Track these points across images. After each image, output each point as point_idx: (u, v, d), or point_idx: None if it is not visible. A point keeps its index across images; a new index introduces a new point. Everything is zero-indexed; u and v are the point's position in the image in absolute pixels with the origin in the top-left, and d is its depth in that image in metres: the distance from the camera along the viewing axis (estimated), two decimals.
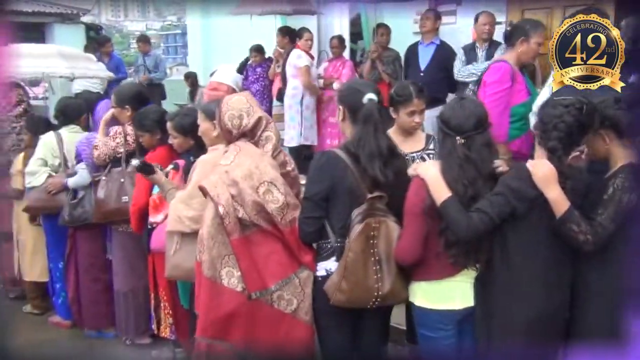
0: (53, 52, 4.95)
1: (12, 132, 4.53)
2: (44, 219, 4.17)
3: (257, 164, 2.45)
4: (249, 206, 2.39)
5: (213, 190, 2.42)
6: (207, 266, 2.42)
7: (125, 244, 3.74)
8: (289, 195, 2.50)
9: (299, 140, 6.23)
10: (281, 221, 2.44)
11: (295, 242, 2.50)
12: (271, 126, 2.63)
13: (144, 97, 3.85)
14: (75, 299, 4.07)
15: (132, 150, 3.69)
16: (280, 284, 2.46)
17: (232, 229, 2.40)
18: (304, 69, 6.13)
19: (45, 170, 4.02)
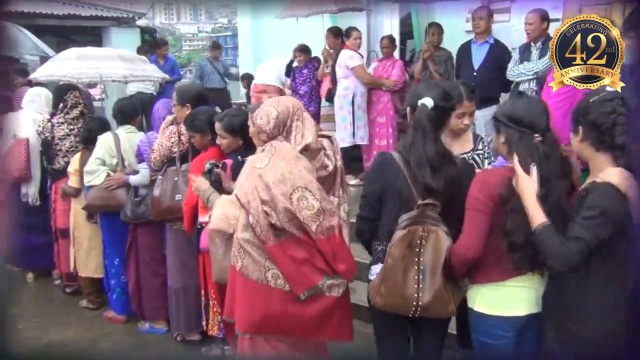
0: (113, 54, 5.10)
1: (71, 133, 4.66)
2: (102, 217, 4.28)
3: (291, 168, 2.39)
4: (281, 213, 2.35)
5: (244, 197, 2.41)
6: (252, 270, 2.42)
7: (178, 241, 3.81)
8: (325, 201, 2.42)
9: (350, 140, 6.22)
10: (317, 229, 2.38)
11: (331, 252, 2.44)
12: (308, 121, 2.57)
13: (204, 98, 3.90)
14: (136, 291, 4.18)
15: (186, 150, 3.76)
16: (326, 278, 2.46)
17: (264, 237, 2.39)
18: (358, 68, 6.12)
19: (103, 169, 4.12)
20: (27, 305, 4.79)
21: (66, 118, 4.67)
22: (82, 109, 4.73)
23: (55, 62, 5.09)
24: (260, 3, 8.45)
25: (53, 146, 4.66)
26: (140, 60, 5.62)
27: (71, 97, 4.70)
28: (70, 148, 4.65)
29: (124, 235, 4.16)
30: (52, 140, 4.64)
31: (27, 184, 4.95)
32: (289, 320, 2.45)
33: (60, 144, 4.65)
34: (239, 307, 2.50)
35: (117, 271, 4.29)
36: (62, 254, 4.77)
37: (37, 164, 4.94)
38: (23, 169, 4.83)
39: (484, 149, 2.95)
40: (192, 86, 4.01)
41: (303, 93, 6.83)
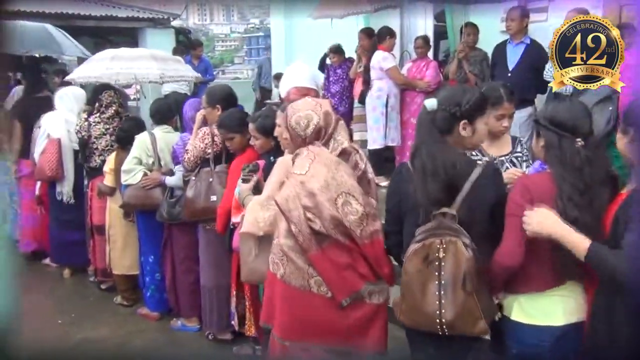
0: (146, 54, 5.17)
1: (106, 132, 4.74)
2: (138, 215, 4.35)
3: (334, 173, 2.35)
4: (327, 220, 2.31)
5: (284, 204, 2.37)
6: (294, 276, 2.39)
7: (211, 241, 3.82)
8: (368, 206, 2.38)
9: (383, 142, 6.18)
10: (361, 234, 2.34)
11: (374, 256, 2.39)
12: (341, 124, 2.53)
13: (234, 98, 3.91)
14: (172, 288, 4.22)
15: (220, 151, 3.77)
16: (368, 284, 2.41)
17: (307, 246, 2.35)
18: (392, 70, 6.08)
19: (140, 168, 4.18)
20: (63, 300, 4.89)
21: (102, 117, 4.75)
22: (116, 108, 4.81)
23: (91, 63, 5.19)
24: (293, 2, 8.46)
25: (89, 145, 4.75)
26: (173, 60, 5.69)
27: (105, 97, 4.78)
28: (106, 147, 4.73)
29: (159, 233, 4.22)
30: (89, 139, 4.73)
31: (61, 182, 5.05)
32: (330, 328, 2.41)
33: (97, 143, 4.73)
34: (279, 314, 2.47)
35: (152, 269, 4.35)
36: (97, 250, 4.86)
37: (70, 163, 5.03)
38: (54, 169, 4.93)
39: (522, 151, 2.87)
40: (221, 86, 4.02)
41: (334, 92, 6.81)
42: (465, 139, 2.29)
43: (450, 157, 2.19)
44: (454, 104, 2.24)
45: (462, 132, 2.26)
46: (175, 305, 4.28)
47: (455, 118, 2.25)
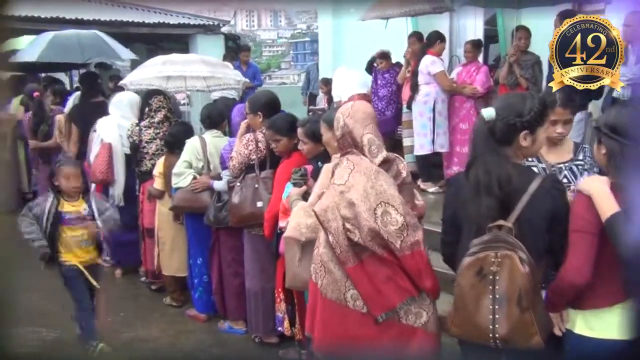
0: (196, 59, 5.28)
1: (156, 137, 4.86)
2: (187, 218, 4.42)
3: (373, 182, 2.31)
4: (364, 231, 2.28)
5: (323, 215, 2.36)
6: (331, 289, 2.38)
7: (256, 246, 3.86)
8: (409, 216, 2.32)
9: (430, 147, 6.10)
10: (401, 245, 2.29)
11: (416, 268, 2.33)
12: (373, 129, 2.48)
13: (277, 105, 3.94)
14: (219, 290, 4.28)
15: (264, 157, 3.80)
16: (406, 302, 2.36)
17: (344, 258, 2.33)
18: (440, 75, 6.01)
19: (190, 172, 4.26)
20: (115, 300, 5.02)
21: (151, 122, 4.87)
22: (165, 113, 4.92)
23: (143, 69, 5.33)
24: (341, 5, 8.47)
25: (140, 149, 4.87)
26: (221, 64, 5.79)
27: (155, 102, 4.90)
28: (156, 151, 4.85)
29: (207, 236, 4.28)
30: (140, 144, 4.85)
31: (112, 185, 5.19)
32: (364, 345, 2.36)
33: (147, 147, 4.86)
34: (317, 325, 2.46)
35: (200, 271, 4.42)
36: (148, 252, 4.97)
37: (121, 167, 5.15)
38: (105, 172, 5.05)
39: (584, 159, 2.75)
40: (263, 93, 4.05)
41: (382, 96, 6.76)
42: (524, 148, 2.21)
43: (506, 171, 2.11)
44: (514, 114, 2.15)
45: (523, 143, 2.19)
46: (222, 308, 4.34)
47: (516, 129, 2.16)
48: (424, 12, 6.43)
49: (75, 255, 3.69)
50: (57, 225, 3.52)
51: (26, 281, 5.39)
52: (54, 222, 3.50)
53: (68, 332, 4.32)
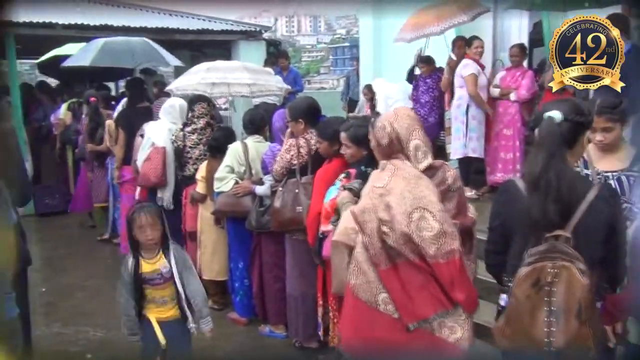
0: (239, 66, 5.36)
1: (200, 142, 4.93)
2: (229, 222, 4.47)
3: (412, 187, 2.30)
4: (397, 234, 2.27)
5: (360, 216, 2.36)
6: (363, 290, 2.37)
7: (297, 251, 3.87)
8: (447, 223, 2.29)
9: (463, 151, 6.02)
10: (436, 252, 2.25)
11: (449, 278, 2.28)
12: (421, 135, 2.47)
13: (316, 111, 3.95)
14: (259, 294, 4.31)
15: (305, 163, 3.81)
16: (440, 314, 2.32)
17: (377, 260, 2.32)
18: (469, 78, 5.94)
19: (232, 176, 4.31)
20: None
21: (195, 128, 4.95)
22: (208, 120, 4.99)
23: (189, 75, 5.44)
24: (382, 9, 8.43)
25: (184, 154, 4.96)
26: (264, 71, 5.85)
27: (198, 108, 4.98)
28: (199, 156, 4.92)
29: (248, 241, 4.32)
30: (184, 149, 4.94)
31: (162, 189, 5.29)
32: (392, 350, 2.33)
33: (191, 152, 4.94)
34: (345, 323, 2.46)
35: (241, 275, 4.46)
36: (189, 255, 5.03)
37: (172, 170, 5.25)
38: (159, 176, 5.15)
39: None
40: (303, 100, 4.07)
41: (424, 102, 6.71)
42: (577, 153, 2.16)
43: (571, 175, 2.06)
44: (578, 113, 2.10)
45: (584, 144, 2.14)
46: (262, 312, 4.36)
47: (582, 128, 2.11)
48: (463, 22, 6.34)
49: (154, 311, 3.21)
50: (140, 287, 3.11)
51: (71, 281, 5.58)
52: (137, 286, 3.10)
53: (113, 332, 4.43)
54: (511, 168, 5.94)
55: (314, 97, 4.29)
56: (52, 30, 8.68)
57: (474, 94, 5.95)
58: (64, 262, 6.14)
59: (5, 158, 2.80)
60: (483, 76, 6.09)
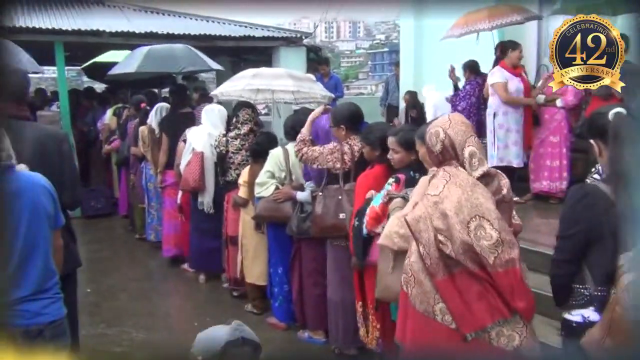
0: (283, 73, 5.39)
1: (242, 148, 4.99)
2: (269, 227, 4.49)
3: (468, 195, 2.26)
4: (457, 244, 2.23)
5: (415, 225, 2.32)
6: (419, 300, 2.34)
7: (338, 256, 3.86)
8: (505, 232, 2.24)
9: (490, 162, 5.90)
10: (495, 261, 2.21)
11: (509, 287, 2.24)
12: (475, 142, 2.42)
13: (359, 117, 3.94)
14: (299, 300, 4.32)
15: (348, 169, 3.79)
16: (498, 323, 2.27)
17: (434, 270, 2.28)
18: (497, 86, 5.86)
19: (273, 182, 4.34)
20: (199, 304, 5.19)
21: (238, 134, 5.01)
22: (251, 126, 5.04)
23: (234, 81, 5.50)
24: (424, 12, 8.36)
25: (227, 159, 5.03)
26: (308, 78, 5.87)
27: (243, 114, 5.05)
28: (241, 162, 4.98)
29: (288, 246, 4.34)
30: (226, 154, 5.01)
31: (202, 193, 5.37)
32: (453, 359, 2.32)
33: (233, 158, 5.00)
34: (408, 334, 2.43)
35: (281, 280, 4.47)
36: (231, 259, 5.10)
37: (211, 175, 5.32)
38: (197, 180, 5.25)
39: None
40: (346, 106, 4.06)
41: (461, 109, 6.63)
42: None
43: None
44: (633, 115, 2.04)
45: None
46: (301, 317, 4.37)
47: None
48: (516, 22, 6.24)
49: None
50: None
51: (114, 282, 5.70)
52: None
53: (156, 333, 4.51)
54: (557, 176, 5.79)
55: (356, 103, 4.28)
56: (99, 37, 8.92)
57: (506, 99, 5.85)
58: (107, 263, 6.29)
59: (59, 162, 2.88)
60: (515, 81, 5.94)
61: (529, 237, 4.53)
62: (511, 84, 5.89)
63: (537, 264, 4.04)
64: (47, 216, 2.36)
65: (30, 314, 2.27)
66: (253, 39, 10.16)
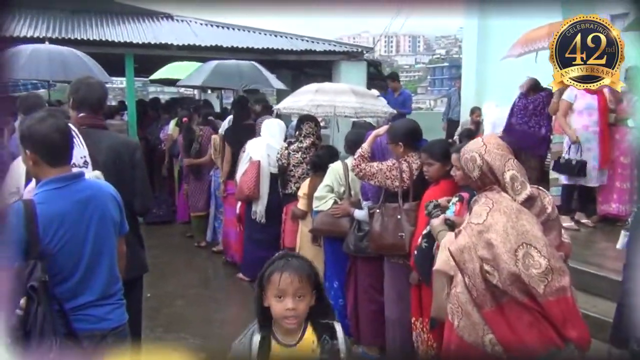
0: (346, 89, 5.42)
1: (303, 161, 5.03)
2: (326, 241, 4.50)
3: (514, 222, 2.19)
4: (504, 274, 2.15)
5: (459, 255, 2.26)
6: (468, 332, 2.27)
7: (395, 274, 3.81)
8: (554, 259, 2.16)
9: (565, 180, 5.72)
10: (545, 290, 2.13)
11: (561, 316, 2.15)
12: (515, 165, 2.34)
13: (417, 134, 3.88)
14: (353, 315, 4.28)
15: (407, 187, 3.72)
16: (552, 353, 2.17)
17: (481, 301, 2.21)
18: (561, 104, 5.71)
19: (331, 196, 4.35)
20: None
21: (300, 147, 5.06)
22: (313, 140, 5.10)
23: (297, 96, 5.58)
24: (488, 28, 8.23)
25: (287, 172, 5.08)
26: (371, 95, 5.88)
27: (306, 127, 5.11)
28: (302, 175, 5.03)
29: (345, 261, 4.31)
30: (287, 167, 5.07)
31: (256, 202, 5.44)
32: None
33: (294, 171, 5.06)
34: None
35: (336, 294, 4.45)
36: None
37: (266, 185, 5.40)
38: (252, 188, 5.34)
39: None
40: (403, 123, 4.00)
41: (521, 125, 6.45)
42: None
43: None
44: None
45: None
46: (356, 332, 4.33)
47: None
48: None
49: None
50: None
51: (173, 288, 5.83)
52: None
53: (210, 341, 4.57)
54: (627, 198, 5.54)
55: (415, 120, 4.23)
56: (166, 50, 9.26)
57: (560, 121, 5.73)
58: (167, 269, 6.44)
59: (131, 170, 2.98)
60: (587, 98, 5.71)
61: (595, 261, 4.36)
62: (581, 101, 5.69)
63: (602, 289, 3.88)
64: (114, 223, 2.45)
65: (95, 318, 2.34)
66: (314, 53, 10.30)
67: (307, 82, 9.02)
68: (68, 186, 2.30)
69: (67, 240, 2.24)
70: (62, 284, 2.23)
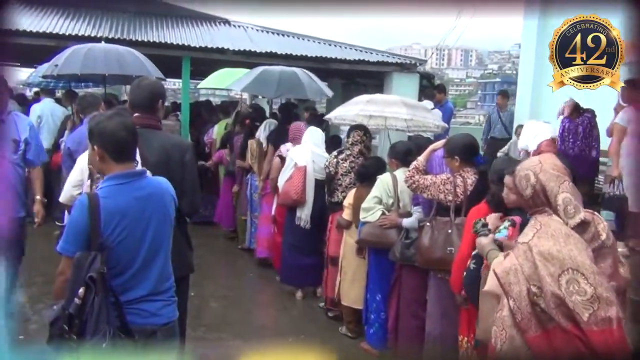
0: (397, 101, 5.40)
1: (351, 170, 5.03)
2: (371, 253, 4.49)
3: (561, 246, 2.12)
4: (547, 296, 2.09)
5: (504, 277, 2.20)
6: (511, 356, 2.20)
7: (440, 289, 3.76)
8: (602, 287, 2.08)
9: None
10: (590, 318, 2.05)
11: (605, 348, 2.06)
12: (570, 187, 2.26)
13: (474, 149, 3.85)
14: (394, 329, 4.25)
15: (460, 202, 3.68)
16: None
17: (525, 325, 2.15)
18: (614, 128, 5.55)
19: (379, 207, 4.33)
20: (295, 320, 5.25)
21: (348, 155, 5.07)
22: (361, 148, 5.09)
23: (348, 106, 5.59)
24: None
25: (335, 180, 5.09)
26: (422, 107, 5.84)
27: (354, 135, 5.11)
28: (349, 184, 5.03)
29: (389, 273, 4.29)
30: (335, 175, 5.08)
31: (301, 207, 5.48)
32: None
33: (342, 180, 5.06)
34: None
35: (378, 307, 4.43)
36: (329, 280, 5.13)
37: (312, 190, 5.43)
38: (299, 192, 5.38)
39: None
40: (461, 137, 3.95)
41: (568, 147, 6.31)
42: None
43: None
44: None
45: None
46: (394, 346, 4.29)
47: None
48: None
49: None
50: None
51: (215, 289, 5.92)
52: None
53: (251, 343, 4.62)
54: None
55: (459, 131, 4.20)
56: (222, 54, 9.44)
57: (613, 147, 5.56)
58: (210, 269, 6.54)
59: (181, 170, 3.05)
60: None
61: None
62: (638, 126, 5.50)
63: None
64: (170, 220, 2.52)
65: (147, 313, 2.40)
66: (367, 63, 10.30)
67: (357, 91, 9.04)
68: (131, 182, 2.38)
69: (126, 235, 2.31)
70: (117, 277, 2.30)
